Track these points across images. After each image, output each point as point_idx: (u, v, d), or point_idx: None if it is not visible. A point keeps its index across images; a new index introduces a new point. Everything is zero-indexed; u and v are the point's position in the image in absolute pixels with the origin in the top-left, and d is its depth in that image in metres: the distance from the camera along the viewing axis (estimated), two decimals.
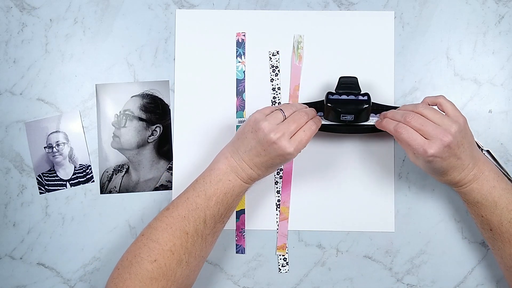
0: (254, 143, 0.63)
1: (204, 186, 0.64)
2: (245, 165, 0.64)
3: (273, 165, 0.64)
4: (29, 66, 0.75)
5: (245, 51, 0.75)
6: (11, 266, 0.74)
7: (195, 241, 0.62)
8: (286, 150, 0.62)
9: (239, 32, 0.75)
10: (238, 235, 0.74)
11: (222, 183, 0.64)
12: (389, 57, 0.74)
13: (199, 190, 0.64)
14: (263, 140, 0.62)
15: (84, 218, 0.74)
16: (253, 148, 0.63)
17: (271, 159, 0.63)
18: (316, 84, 0.74)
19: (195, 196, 0.64)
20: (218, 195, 0.63)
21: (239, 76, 0.75)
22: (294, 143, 0.62)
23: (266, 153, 0.63)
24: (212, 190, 0.63)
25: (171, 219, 0.63)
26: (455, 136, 0.61)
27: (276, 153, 0.62)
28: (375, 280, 0.73)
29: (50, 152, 0.75)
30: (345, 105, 0.67)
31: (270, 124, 0.63)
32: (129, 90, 0.75)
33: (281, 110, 0.65)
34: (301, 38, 0.74)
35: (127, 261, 0.62)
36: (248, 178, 0.65)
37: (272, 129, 0.62)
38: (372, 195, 0.73)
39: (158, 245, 0.61)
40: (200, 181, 0.65)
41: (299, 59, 0.74)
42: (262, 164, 0.64)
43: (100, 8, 0.76)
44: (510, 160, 0.73)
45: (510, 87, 0.74)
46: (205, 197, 0.63)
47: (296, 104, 0.67)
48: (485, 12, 0.75)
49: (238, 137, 0.66)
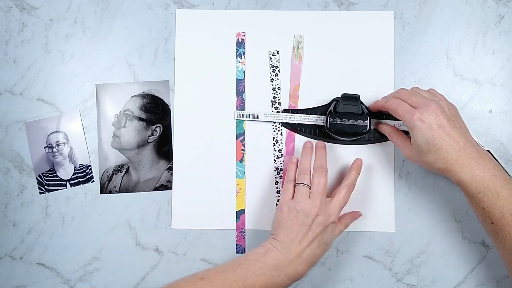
0: (298, 227, 0.64)
1: (246, 274, 0.61)
2: (294, 255, 0.63)
3: (320, 245, 0.64)
4: (29, 66, 0.75)
5: (245, 51, 0.75)
6: (11, 266, 0.74)
7: None
8: (329, 218, 0.65)
9: (239, 32, 0.75)
10: (238, 235, 0.74)
11: (264, 277, 0.62)
12: (389, 57, 0.74)
13: (238, 275, 0.61)
14: (305, 219, 0.64)
15: (84, 218, 0.74)
16: (299, 231, 0.63)
17: (318, 235, 0.64)
18: (316, 84, 0.74)
19: (233, 280, 0.61)
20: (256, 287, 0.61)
21: (239, 76, 0.75)
22: (335, 210, 0.66)
23: (312, 231, 0.64)
24: (252, 281, 0.61)
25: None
26: (442, 107, 0.62)
27: (321, 227, 0.64)
28: (375, 280, 0.73)
29: (50, 152, 0.75)
30: (344, 130, 0.69)
31: (303, 200, 0.65)
32: (129, 90, 0.75)
33: (300, 183, 0.66)
34: (301, 38, 0.74)
35: None
36: (295, 272, 0.63)
37: (308, 204, 0.65)
38: (372, 195, 0.73)
39: None
40: (243, 266, 0.62)
41: (299, 59, 0.74)
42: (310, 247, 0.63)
43: (100, 8, 0.76)
44: (510, 160, 0.73)
45: (510, 87, 0.74)
46: (242, 285, 0.61)
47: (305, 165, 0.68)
48: (485, 12, 0.75)
49: (278, 232, 0.65)
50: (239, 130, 0.74)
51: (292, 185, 0.68)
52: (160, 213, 0.74)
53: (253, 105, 0.74)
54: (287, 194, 0.67)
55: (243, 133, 0.74)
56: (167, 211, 0.74)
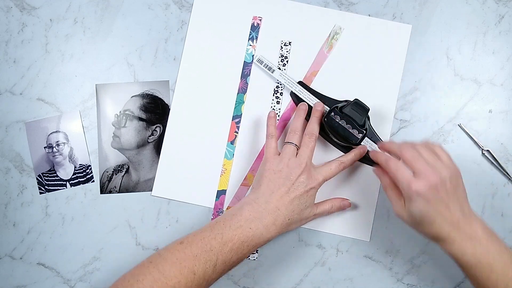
0: (282, 181, 0.64)
1: (223, 230, 0.62)
2: (273, 206, 0.63)
3: (300, 205, 0.65)
4: (29, 66, 0.75)
5: (258, 36, 0.75)
6: (11, 266, 0.74)
7: (200, 283, 0.60)
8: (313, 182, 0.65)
9: (255, 16, 0.75)
10: (215, 214, 0.73)
11: (241, 229, 0.62)
12: (398, 69, 0.74)
13: (216, 232, 0.62)
14: (289, 174, 0.64)
15: (84, 218, 0.74)
16: (282, 186, 0.64)
17: (300, 194, 0.64)
18: (332, 79, 0.74)
19: (211, 237, 0.61)
20: (234, 242, 0.61)
21: (247, 59, 0.75)
22: (320, 177, 0.66)
23: (294, 187, 0.64)
24: (230, 236, 0.62)
25: (182, 255, 0.60)
26: (444, 180, 0.59)
27: (303, 185, 0.64)
28: (375, 280, 0.73)
29: (50, 152, 0.75)
30: (337, 130, 0.68)
31: (291, 158, 0.65)
32: (129, 90, 0.75)
33: (289, 142, 0.67)
34: (340, 30, 0.74)
35: (128, 283, 0.59)
36: (273, 224, 0.63)
37: (295, 162, 0.65)
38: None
39: (163, 278, 0.59)
40: (220, 223, 0.63)
41: (329, 48, 0.74)
42: (290, 202, 0.64)
43: (100, 8, 0.76)
44: (510, 160, 0.73)
45: (510, 87, 0.74)
46: (221, 241, 0.61)
47: (297, 126, 0.68)
48: (485, 12, 0.75)
49: (259, 184, 0.66)
50: (236, 112, 0.74)
51: (274, 141, 0.68)
52: (160, 213, 0.74)
53: (255, 90, 0.75)
54: (271, 149, 0.68)
55: (240, 115, 0.74)
56: (167, 211, 0.74)
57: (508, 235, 0.72)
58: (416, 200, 0.59)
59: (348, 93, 0.73)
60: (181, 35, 0.76)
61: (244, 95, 0.75)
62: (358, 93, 0.72)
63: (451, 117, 0.74)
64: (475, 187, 0.73)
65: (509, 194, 0.73)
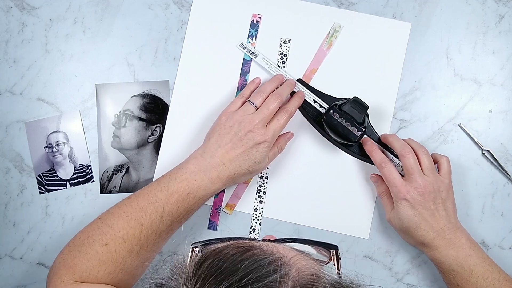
0: (230, 136, 0.64)
1: (169, 182, 0.64)
2: (217, 160, 0.64)
3: (247, 160, 0.64)
4: (29, 66, 0.75)
5: (258, 33, 0.75)
6: (11, 266, 0.74)
7: (149, 234, 0.62)
8: (262, 137, 0.64)
9: (255, 14, 0.75)
10: (213, 211, 0.73)
11: (187, 182, 0.63)
12: (397, 67, 0.74)
13: (162, 185, 0.64)
14: (238, 131, 0.64)
15: (84, 218, 0.74)
16: (229, 142, 0.64)
17: (247, 150, 0.64)
18: (332, 76, 0.74)
19: (157, 190, 0.63)
20: (180, 193, 0.63)
21: (246, 56, 0.75)
22: (270, 132, 0.64)
23: (242, 143, 0.64)
24: (175, 188, 0.63)
25: (129, 208, 0.63)
26: (434, 190, 0.62)
27: (252, 142, 0.64)
28: (375, 280, 0.73)
29: (50, 152, 0.75)
30: (336, 127, 0.68)
31: (244, 115, 0.65)
32: (129, 90, 0.75)
33: (250, 101, 0.67)
34: (339, 28, 0.74)
35: (79, 240, 0.62)
36: (217, 177, 0.64)
37: (247, 119, 0.64)
38: (353, 201, 0.73)
39: (112, 231, 0.61)
40: (166, 177, 0.65)
41: (328, 46, 0.74)
42: (236, 158, 0.64)
43: (100, 8, 0.76)
44: (510, 160, 0.73)
45: (510, 87, 0.74)
46: (167, 193, 0.63)
47: (266, 88, 0.68)
48: (485, 12, 0.75)
49: (210, 137, 0.66)
50: None
51: (242, 101, 0.68)
52: None
53: None
54: (233, 106, 0.68)
55: None
56: None
57: (508, 235, 0.72)
58: (404, 205, 0.62)
59: (348, 91, 0.73)
60: (181, 35, 0.76)
61: None
62: (357, 90, 0.72)
63: (451, 117, 0.74)
64: (475, 187, 0.73)
65: (509, 194, 0.73)
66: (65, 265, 0.60)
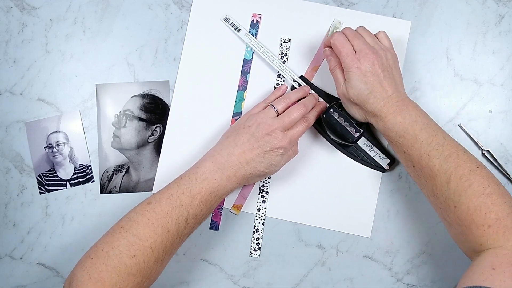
0: (248, 136, 0.64)
1: (189, 184, 0.63)
2: (235, 159, 0.64)
3: (263, 162, 0.64)
4: (29, 66, 0.75)
5: (258, 33, 0.75)
6: (11, 266, 0.74)
7: (174, 240, 0.61)
8: (279, 142, 0.64)
9: (255, 13, 0.75)
10: (215, 211, 0.73)
11: (207, 181, 0.63)
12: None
13: (183, 187, 0.63)
14: (257, 132, 0.64)
15: (84, 218, 0.74)
16: (246, 142, 0.64)
17: (264, 152, 0.64)
18: (328, 74, 0.74)
19: (180, 193, 0.62)
20: (202, 194, 0.62)
21: (247, 56, 0.75)
22: (287, 138, 0.65)
23: (259, 145, 0.64)
24: (197, 189, 0.62)
25: (153, 214, 0.61)
26: (381, 57, 0.64)
27: (269, 145, 0.64)
28: (375, 280, 0.73)
29: (50, 152, 0.75)
30: (335, 127, 0.69)
31: (264, 117, 0.65)
32: (129, 90, 0.75)
33: (272, 106, 0.67)
34: (339, 24, 0.74)
35: (103, 252, 0.59)
36: (234, 176, 0.64)
37: (267, 121, 0.65)
38: (355, 199, 0.73)
39: (139, 241, 0.59)
40: (185, 178, 0.64)
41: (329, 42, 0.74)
42: (253, 159, 0.64)
43: (100, 8, 0.76)
44: (510, 160, 0.73)
45: (510, 87, 0.74)
46: (189, 194, 0.62)
47: (290, 96, 0.69)
48: (485, 12, 0.75)
49: (228, 136, 0.66)
50: (236, 109, 0.74)
51: (264, 106, 0.69)
52: None
53: (255, 87, 0.75)
54: (255, 109, 0.69)
55: (240, 112, 0.74)
56: None
57: None
58: (355, 73, 0.63)
59: None
60: (181, 35, 0.76)
61: (244, 92, 0.75)
62: None
63: (451, 117, 0.74)
64: None
65: None
66: (90, 279, 0.58)
